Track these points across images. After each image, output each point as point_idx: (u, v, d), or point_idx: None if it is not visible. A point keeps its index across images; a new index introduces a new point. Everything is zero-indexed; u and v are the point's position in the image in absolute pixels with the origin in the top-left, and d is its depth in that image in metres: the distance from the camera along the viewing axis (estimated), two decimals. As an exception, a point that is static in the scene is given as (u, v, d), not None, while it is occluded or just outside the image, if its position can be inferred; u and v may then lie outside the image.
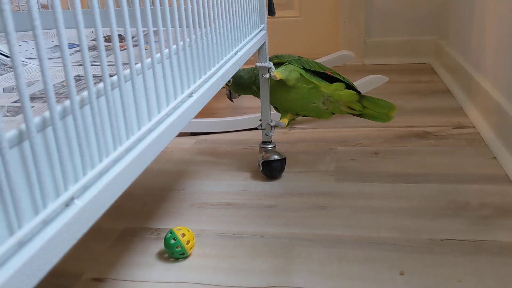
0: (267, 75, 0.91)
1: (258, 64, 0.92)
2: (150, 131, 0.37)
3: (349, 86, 0.96)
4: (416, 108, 1.34)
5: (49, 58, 0.76)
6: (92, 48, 0.79)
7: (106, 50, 0.57)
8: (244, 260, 0.71)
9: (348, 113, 0.97)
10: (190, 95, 0.46)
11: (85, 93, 0.29)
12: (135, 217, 0.85)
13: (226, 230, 0.79)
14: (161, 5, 0.41)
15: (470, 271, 0.65)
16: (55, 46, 0.84)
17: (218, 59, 0.57)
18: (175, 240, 0.70)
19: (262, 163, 0.95)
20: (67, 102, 0.27)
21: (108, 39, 0.79)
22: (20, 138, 0.23)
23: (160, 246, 0.76)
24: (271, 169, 0.96)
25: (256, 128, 1.26)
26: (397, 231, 0.75)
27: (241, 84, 1.01)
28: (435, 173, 0.94)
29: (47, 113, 0.25)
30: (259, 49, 0.92)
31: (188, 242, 0.71)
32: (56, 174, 0.26)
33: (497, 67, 1.09)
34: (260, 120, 0.98)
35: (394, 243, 0.72)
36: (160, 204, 0.89)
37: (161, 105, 0.40)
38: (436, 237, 0.73)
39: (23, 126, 0.23)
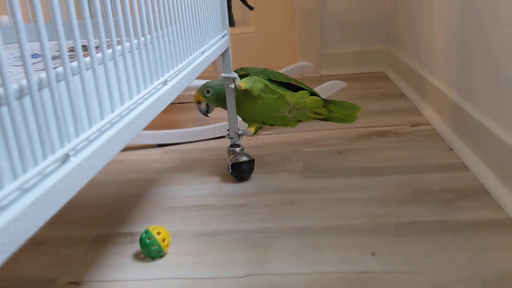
0: (232, 85, 0.94)
1: (223, 74, 0.94)
2: (130, 110, 0.38)
3: (313, 94, 1.00)
4: (374, 110, 1.40)
5: (15, 66, 0.76)
6: (57, 57, 0.80)
7: (70, 58, 0.58)
8: (220, 254, 0.72)
9: (315, 118, 1.01)
10: (165, 83, 0.47)
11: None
12: (106, 224, 0.85)
13: (200, 230, 0.80)
14: (123, 16, 0.43)
15: (436, 248, 0.68)
16: (19, 56, 0.84)
17: (187, 55, 0.59)
18: (151, 239, 0.71)
19: (231, 165, 0.97)
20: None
21: (71, 49, 0.79)
22: (21, 94, 0.24)
23: (135, 249, 0.76)
24: (240, 171, 0.97)
25: (222, 137, 1.28)
26: (366, 218, 0.78)
27: (222, 96, 0.99)
28: (397, 165, 0.98)
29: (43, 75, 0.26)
30: (224, 56, 0.95)
31: (164, 240, 0.71)
32: (52, 134, 0.27)
33: (447, 66, 1.16)
34: (228, 130, 1.00)
35: (364, 229, 0.75)
36: (131, 210, 0.89)
37: (140, 87, 0.41)
38: (402, 221, 0.76)
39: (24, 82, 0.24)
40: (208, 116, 1.02)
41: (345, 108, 1.02)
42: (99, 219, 0.87)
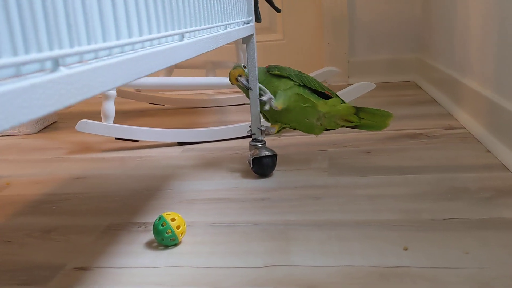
0: (267, 107, 0.89)
1: (262, 98, 0.89)
2: (136, 48, 0.34)
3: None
4: (404, 115, 1.34)
5: None
6: None
7: None
8: (238, 244, 0.67)
9: (344, 126, 0.95)
10: (181, 38, 0.44)
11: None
12: (121, 214, 0.81)
13: (218, 221, 0.75)
14: None
15: (477, 244, 0.62)
16: None
17: (208, 21, 0.56)
18: (164, 225, 0.66)
19: (252, 160, 0.92)
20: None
21: None
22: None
23: (149, 237, 0.71)
24: (262, 166, 0.92)
25: (244, 137, 1.24)
26: (397, 213, 0.72)
27: (259, 77, 0.94)
28: (431, 165, 0.92)
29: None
30: (248, 45, 0.91)
31: (178, 227, 0.67)
32: (40, 29, 0.23)
33: (484, 66, 1.09)
34: (250, 127, 0.96)
35: (395, 224, 0.69)
36: (146, 202, 0.85)
37: (151, 28, 0.37)
38: (438, 217, 0.70)
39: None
40: (251, 89, 0.93)
41: (376, 115, 0.95)
42: (113, 209, 0.83)
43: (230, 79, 0.95)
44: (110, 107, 1.20)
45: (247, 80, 0.93)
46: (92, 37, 0.27)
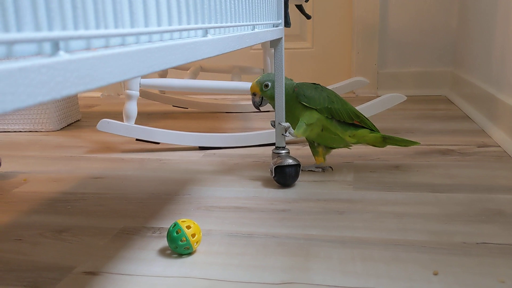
0: (287, 134, 0.89)
1: (287, 134, 0.89)
2: (153, 38, 0.31)
3: (372, 129, 0.95)
4: (435, 130, 1.28)
5: None
6: None
7: None
8: (255, 258, 0.63)
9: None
10: (205, 33, 0.40)
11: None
12: (136, 217, 0.78)
13: (236, 230, 0.72)
14: None
15: (514, 273, 0.56)
16: None
17: (234, 19, 0.52)
18: (179, 233, 0.63)
19: (274, 168, 0.89)
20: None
21: None
22: None
23: (162, 244, 0.68)
24: (284, 175, 0.89)
25: (266, 145, 1.20)
26: (426, 234, 0.67)
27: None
28: (463, 183, 0.87)
29: None
30: (276, 49, 0.88)
31: (194, 235, 0.64)
32: (41, 19, 0.20)
33: (523, 80, 1.03)
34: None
35: (424, 246, 0.64)
36: (164, 206, 0.82)
37: (172, 19, 0.34)
38: (470, 241, 0.65)
39: None
40: (259, 110, 0.98)
41: (402, 143, 0.96)
42: (129, 212, 0.80)
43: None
44: (132, 108, 1.18)
45: (261, 101, 0.93)
46: (102, 22, 0.24)
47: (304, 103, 0.89)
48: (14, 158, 1.17)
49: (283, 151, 0.91)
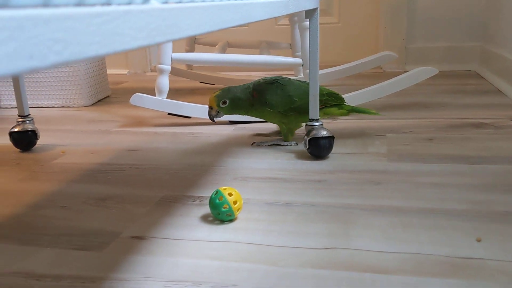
0: (285, 144, 0.98)
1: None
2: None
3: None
4: (467, 104, 1.27)
5: None
6: None
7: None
8: (296, 225, 0.64)
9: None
10: (259, -2, 0.41)
11: None
12: (175, 186, 0.80)
13: (274, 199, 0.73)
14: None
15: (558, 240, 0.57)
16: None
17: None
18: (221, 200, 0.64)
19: (308, 141, 0.89)
20: None
21: None
22: None
23: (203, 211, 0.70)
24: (318, 147, 0.89)
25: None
26: (465, 203, 0.68)
27: (239, 105, 0.94)
28: (499, 155, 0.86)
29: None
30: (311, 18, 0.88)
31: (235, 203, 0.65)
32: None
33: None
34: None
35: (464, 214, 0.64)
36: (200, 177, 0.84)
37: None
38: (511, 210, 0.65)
39: None
40: (214, 122, 1.02)
41: (365, 113, 1.01)
42: (167, 182, 0.82)
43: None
44: (164, 82, 1.19)
45: (216, 115, 0.95)
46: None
47: (268, 108, 0.93)
48: (50, 132, 1.20)
49: (317, 123, 0.91)
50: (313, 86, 0.90)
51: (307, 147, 0.90)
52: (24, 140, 1.03)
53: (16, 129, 1.02)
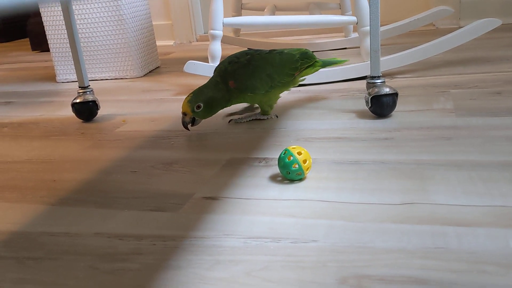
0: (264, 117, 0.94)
1: None
2: None
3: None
4: (534, 56, 1.20)
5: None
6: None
7: None
8: (368, 182, 0.63)
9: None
10: None
11: None
12: (240, 149, 0.80)
13: (341, 158, 0.72)
14: None
15: None
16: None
17: None
18: (290, 159, 0.64)
19: (371, 98, 0.87)
20: None
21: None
22: None
23: (271, 172, 0.69)
24: (381, 105, 0.87)
25: (351, 80, 1.17)
26: (547, 155, 0.64)
27: (215, 104, 0.87)
28: None
29: None
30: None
31: (305, 162, 0.64)
32: None
33: None
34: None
35: (548, 166, 0.61)
36: (262, 139, 0.83)
37: None
38: None
39: None
40: (189, 130, 0.89)
41: (336, 63, 1.01)
42: (231, 145, 0.82)
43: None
44: (216, 48, 1.19)
45: (191, 122, 0.87)
46: None
47: (250, 93, 0.89)
48: (108, 102, 1.22)
49: (379, 81, 0.89)
50: (374, 41, 0.87)
51: (369, 105, 0.87)
52: (86, 110, 1.05)
53: (78, 100, 1.04)
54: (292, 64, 0.92)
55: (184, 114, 0.86)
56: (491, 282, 0.41)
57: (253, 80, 0.88)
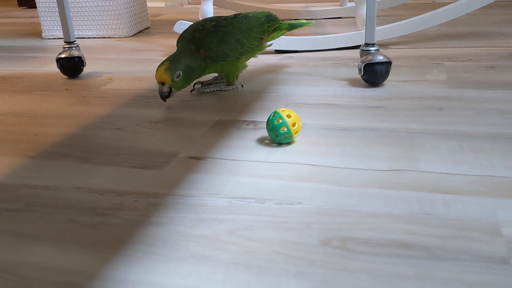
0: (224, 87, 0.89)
1: None
2: None
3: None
4: (529, 33, 1.19)
5: None
6: None
7: None
8: (357, 148, 0.62)
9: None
10: None
11: None
12: (228, 111, 0.78)
13: (331, 124, 0.70)
14: None
15: None
16: None
17: None
18: (279, 121, 0.62)
19: (364, 66, 0.85)
20: None
21: None
22: None
23: (259, 135, 0.68)
24: (374, 73, 0.85)
25: (344, 48, 1.15)
26: (538, 129, 0.64)
27: (193, 74, 0.81)
28: None
29: None
30: None
31: (294, 125, 0.63)
32: None
33: None
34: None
35: (538, 140, 0.61)
36: (252, 103, 0.82)
37: None
38: None
39: None
40: (165, 101, 0.81)
41: (303, 25, 0.98)
42: (219, 107, 0.80)
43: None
44: (208, 8, 1.15)
45: (169, 92, 0.79)
46: None
47: (221, 62, 0.83)
48: (94, 60, 1.19)
49: (373, 48, 0.87)
50: (370, 7, 0.85)
51: (362, 73, 0.86)
52: (72, 66, 1.02)
53: (63, 55, 1.01)
54: (259, 27, 0.87)
55: (162, 83, 0.78)
56: (476, 248, 0.41)
57: (224, 46, 0.82)
